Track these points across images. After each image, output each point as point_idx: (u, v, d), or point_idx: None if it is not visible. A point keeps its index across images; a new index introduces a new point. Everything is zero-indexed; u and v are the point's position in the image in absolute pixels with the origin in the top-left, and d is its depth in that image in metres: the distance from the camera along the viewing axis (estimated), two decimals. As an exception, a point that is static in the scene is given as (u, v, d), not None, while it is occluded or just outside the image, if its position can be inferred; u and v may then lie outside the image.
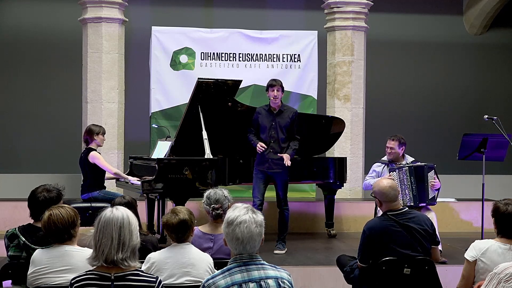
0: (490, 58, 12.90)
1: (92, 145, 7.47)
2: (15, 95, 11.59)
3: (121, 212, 3.28)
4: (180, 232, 4.13)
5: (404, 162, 7.33)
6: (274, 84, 7.35)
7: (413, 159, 7.42)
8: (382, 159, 7.49)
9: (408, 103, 12.55)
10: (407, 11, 12.55)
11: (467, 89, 12.83)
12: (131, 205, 4.96)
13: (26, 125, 11.58)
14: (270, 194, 8.48)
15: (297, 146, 7.42)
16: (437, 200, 7.18)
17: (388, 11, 12.29)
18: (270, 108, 7.44)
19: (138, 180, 7.41)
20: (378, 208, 4.97)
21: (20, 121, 11.58)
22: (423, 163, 7.14)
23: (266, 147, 7.31)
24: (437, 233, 5.99)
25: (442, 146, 11.92)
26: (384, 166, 7.38)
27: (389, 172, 7.15)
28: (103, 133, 7.56)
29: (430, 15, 12.63)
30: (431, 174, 7.09)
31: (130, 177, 7.66)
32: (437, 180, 7.13)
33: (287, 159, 7.29)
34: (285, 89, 7.53)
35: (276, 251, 7.44)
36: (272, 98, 7.35)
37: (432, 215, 6.92)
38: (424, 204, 7.04)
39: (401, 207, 4.75)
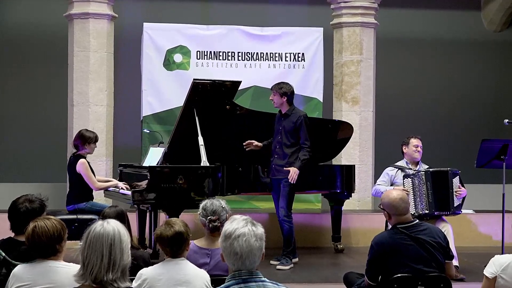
0: (511, 56, 12.90)
1: (82, 152, 7.50)
2: (-5, 98, 11.62)
3: (112, 226, 3.26)
4: (175, 246, 4.13)
5: (418, 169, 7.34)
6: (272, 88, 7.75)
7: (428, 166, 7.43)
8: (396, 163, 7.50)
9: (421, 106, 12.55)
10: (420, 6, 12.57)
11: (486, 90, 12.82)
12: (122, 216, 4.96)
13: (6, 129, 11.58)
14: (272, 205, 8.48)
15: (306, 156, 7.55)
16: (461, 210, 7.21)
17: (399, 6, 12.30)
18: (280, 112, 7.77)
19: (128, 190, 7.41)
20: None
21: (0, 126, 11.58)
22: (446, 168, 7.14)
23: (253, 146, 7.74)
24: (452, 247, 6.03)
25: (458, 152, 11.90)
26: (397, 171, 7.39)
27: (403, 178, 7.15)
28: (96, 141, 7.59)
29: (445, 11, 12.64)
30: (455, 180, 7.09)
31: (119, 183, 7.64)
32: (463, 188, 7.14)
33: (292, 175, 7.44)
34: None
35: (278, 266, 7.45)
36: None
37: (447, 228, 6.92)
38: (446, 213, 7.05)
39: (412, 219, 4.76)
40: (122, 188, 7.54)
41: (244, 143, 7.75)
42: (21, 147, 11.53)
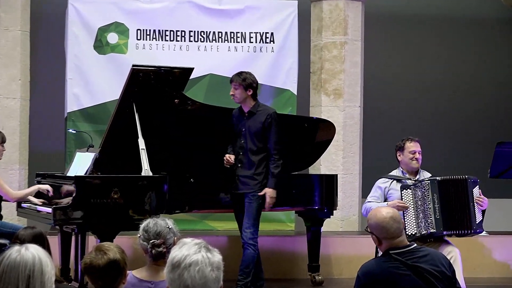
0: (533, 38, 13.09)
1: (-13, 158, 7.49)
2: None
3: (32, 253, 3.23)
4: (108, 278, 4.11)
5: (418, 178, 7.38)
6: (232, 79, 7.69)
7: (430, 175, 7.46)
8: (390, 173, 7.51)
9: (421, 100, 12.64)
10: (420, -25, 12.70)
11: (502, 80, 12.94)
12: (41, 240, 4.94)
13: None
14: (233, 225, 8.49)
15: (278, 168, 7.62)
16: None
17: (394, -26, 12.43)
18: (240, 109, 7.76)
19: (48, 206, 7.38)
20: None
21: None
22: (463, 176, 7.15)
23: (232, 160, 7.63)
24: (460, 277, 6.08)
25: (467, 159, 12.00)
26: (392, 182, 7.39)
27: (401, 190, 7.17)
28: (2, 142, 7.55)
29: (452, -19, 12.79)
30: (476, 191, 7.12)
31: (36, 200, 7.60)
32: (484, 198, 7.17)
33: (268, 201, 7.57)
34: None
35: None
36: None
37: (455, 254, 6.96)
38: (466, 232, 7.07)
39: (408, 243, 4.78)
40: (38, 204, 7.49)
41: (226, 163, 7.69)
42: None
